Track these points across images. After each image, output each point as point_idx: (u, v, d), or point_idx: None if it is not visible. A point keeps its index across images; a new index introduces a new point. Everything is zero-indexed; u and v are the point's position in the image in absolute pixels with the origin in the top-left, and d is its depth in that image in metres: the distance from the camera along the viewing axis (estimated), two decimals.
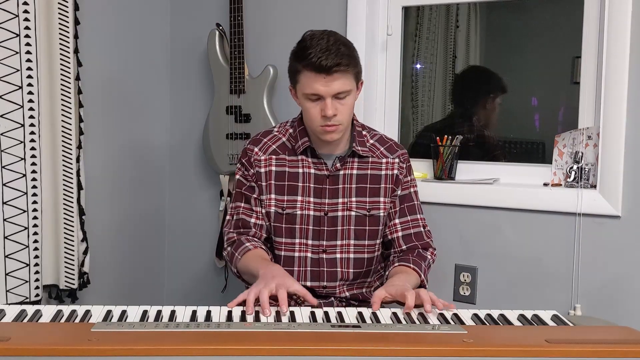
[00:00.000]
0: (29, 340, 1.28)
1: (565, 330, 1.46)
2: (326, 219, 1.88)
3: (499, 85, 2.62)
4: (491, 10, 2.71)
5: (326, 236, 1.88)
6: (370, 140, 1.94)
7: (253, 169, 1.90)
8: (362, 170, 1.90)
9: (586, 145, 2.26)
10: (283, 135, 1.92)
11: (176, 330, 1.32)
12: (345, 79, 1.75)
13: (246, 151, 1.92)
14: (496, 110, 2.64)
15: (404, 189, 1.93)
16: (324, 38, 1.75)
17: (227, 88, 2.67)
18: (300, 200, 1.87)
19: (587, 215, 2.21)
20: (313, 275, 1.89)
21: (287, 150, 1.90)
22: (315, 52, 1.71)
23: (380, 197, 1.90)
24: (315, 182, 1.88)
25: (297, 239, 1.88)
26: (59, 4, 2.28)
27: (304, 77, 1.76)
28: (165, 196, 3.01)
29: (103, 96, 2.63)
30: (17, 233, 2.20)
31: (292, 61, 1.81)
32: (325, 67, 1.71)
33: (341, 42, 1.76)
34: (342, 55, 1.73)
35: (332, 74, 1.72)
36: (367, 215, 1.89)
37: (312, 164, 1.88)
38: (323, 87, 1.74)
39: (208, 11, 2.81)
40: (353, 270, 1.90)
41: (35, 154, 2.23)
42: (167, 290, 3.04)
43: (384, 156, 1.92)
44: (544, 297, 2.28)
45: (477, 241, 2.40)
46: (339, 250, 1.89)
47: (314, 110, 1.78)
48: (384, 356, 1.26)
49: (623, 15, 2.11)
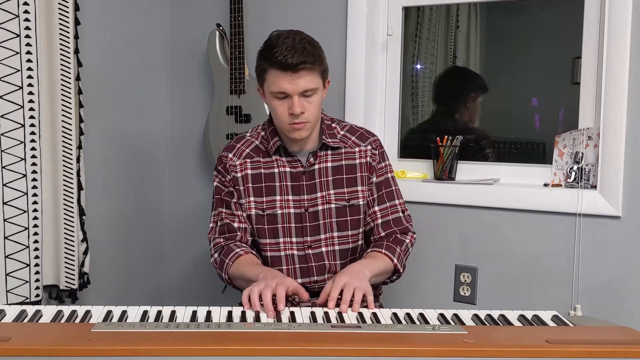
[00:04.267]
0: (29, 340, 1.28)
1: (565, 331, 1.46)
2: (307, 215, 1.90)
3: (479, 85, 2.64)
4: (491, 10, 2.71)
5: (309, 232, 1.90)
6: (341, 131, 1.96)
7: (229, 174, 1.92)
8: (336, 162, 1.92)
9: (586, 145, 2.26)
10: (256, 138, 1.96)
11: (176, 331, 1.32)
12: (311, 77, 1.77)
13: (221, 158, 1.95)
14: (478, 108, 2.65)
15: (379, 175, 1.95)
16: (290, 37, 1.77)
17: (227, 88, 2.67)
18: (279, 200, 1.90)
19: (588, 215, 2.21)
20: (302, 272, 1.91)
21: (261, 153, 1.93)
22: (281, 51, 1.74)
23: (358, 186, 1.92)
24: (292, 179, 1.90)
25: (281, 238, 1.90)
26: (59, 5, 2.28)
27: (271, 75, 1.79)
28: (165, 197, 3.01)
29: (103, 96, 2.63)
30: (18, 233, 2.20)
31: (259, 60, 1.84)
32: (291, 65, 1.73)
33: (307, 41, 1.79)
34: (308, 53, 1.75)
35: (298, 72, 1.75)
36: (347, 206, 1.91)
37: (287, 163, 1.90)
38: (289, 85, 1.76)
39: (208, 11, 2.81)
40: (340, 262, 1.92)
41: (35, 154, 2.23)
42: (167, 290, 3.04)
43: (356, 145, 1.94)
44: (544, 297, 2.28)
45: (477, 241, 2.40)
46: (324, 244, 1.91)
47: (281, 109, 1.80)
48: (384, 356, 1.26)
49: (623, 16, 2.11)
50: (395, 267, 1.86)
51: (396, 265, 1.86)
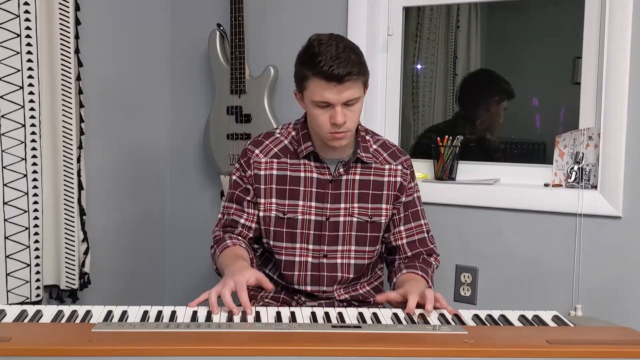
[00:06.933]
0: (29, 340, 1.28)
1: (566, 331, 1.46)
2: (327, 224, 1.86)
3: (506, 91, 2.61)
4: (492, 10, 2.71)
5: (327, 241, 1.86)
6: (374, 145, 1.92)
7: (251, 170, 1.88)
8: (365, 176, 1.88)
9: (587, 145, 2.26)
10: (285, 137, 1.90)
11: (177, 331, 1.32)
12: (355, 87, 1.72)
13: (246, 152, 1.90)
14: (501, 115, 2.63)
15: (407, 195, 1.91)
16: (333, 44, 1.70)
17: (227, 88, 2.67)
18: (301, 205, 1.86)
19: (588, 215, 2.21)
20: (313, 280, 1.88)
21: (289, 154, 1.88)
22: (326, 60, 1.67)
23: (382, 203, 1.88)
24: (318, 186, 1.86)
25: (298, 244, 1.87)
26: (60, 5, 2.28)
27: (314, 84, 1.72)
28: (165, 196, 3.01)
29: (104, 96, 2.63)
30: (18, 233, 2.20)
31: (299, 67, 1.76)
32: (337, 76, 1.67)
33: (351, 49, 1.72)
34: (354, 63, 1.69)
35: (343, 83, 1.69)
36: (369, 222, 1.87)
37: (315, 168, 1.86)
38: (334, 96, 1.70)
39: (209, 12, 2.81)
40: (352, 276, 1.89)
41: (36, 154, 2.23)
42: (167, 290, 3.04)
43: (387, 162, 1.90)
44: (545, 297, 2.28)
45: (477, 242, 2.40)
46: (340, 256, 1.88)
47: (322, 117, 1.74)
48: (385, 357, 1.26)
49: (623, 16, 2.11)
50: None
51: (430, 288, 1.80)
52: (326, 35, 1.75)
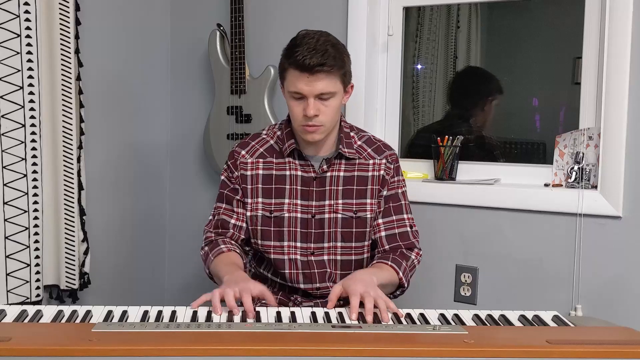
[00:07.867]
0: (29, 340, 1.28)
1: (566, 331, 1.46)
2: (313, 221, 1.87)
3: (496, 87, 2.61)
4: (492, 10, 2.71)
5: (313, 238, 1.87)
6: (358, 141, 1.93)
7: (238, 171, 1.91)
8: (349, 172, 1.89)
9: (587, 145, 2.26)
10: (271, 137, 1.93)
11: (177, 331, 1.32)
12: (329, 80, 1.74)
13: (233, 153, 1.94)
14: (492, 111, 2.64)
15: (390, 189, 1.91)
16: (314, 37, 1.74)
17: (227, 88, 2.67)
18: (287, 203, 1.87)
19: (588, 215, 2.20)
20: (305, 277, 1.88)
21: (274, 153, 1.90)
22: (302, 51, 1.72)
23: (367, 198, 1.89)
24: (302, 184, 1.87)
25: (286, 242, 1.88)
26: (60, 5, 2.28)
27: (289, 74, 1.77)
28: (165, 196, 3.01)
29: (104, 96, 2.63)
30: (18, 233, 2.20)
31: (281, 58, 1.81)
32: (308, 66, 1.71)
33: (330, 43, 1.75)
34: (328, 56, 1.72)
35: (315, 74, 1.72)
36: (354, 217, 1.88)
37: (299, 166, 1.88)
38: (306, 87, 1.74)
39: (209, 11, 2.81)
40: (341, 272, 1.89)
41: (36, 154, 2.23)
42: (167, 290, 3.04)
43: (371, 157, 1.91)
44: (545, 297, 2.28)
45: (477, 242, 2.40)
46: (326, 252, 1.88)
47: (296, 109, 1.78)
48: (385, 357, 1.26)
49: (624, 16, 2.11)
50: (400, 281, 1.81)
51: (401, 279, 1.80)
52: (315, 31, 1.79)
